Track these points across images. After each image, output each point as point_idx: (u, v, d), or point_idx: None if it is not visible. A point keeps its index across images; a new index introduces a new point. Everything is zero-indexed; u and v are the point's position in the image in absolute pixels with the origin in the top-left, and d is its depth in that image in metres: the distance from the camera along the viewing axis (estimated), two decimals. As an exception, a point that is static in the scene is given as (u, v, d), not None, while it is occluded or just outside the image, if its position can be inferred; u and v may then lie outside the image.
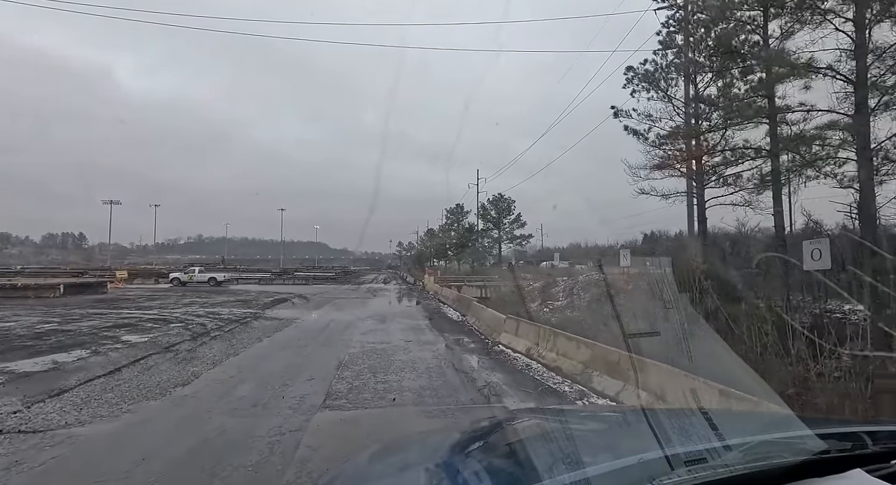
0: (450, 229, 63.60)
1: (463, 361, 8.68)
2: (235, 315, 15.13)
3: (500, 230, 56.11)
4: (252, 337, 11.00)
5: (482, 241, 56.12)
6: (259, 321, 13.98)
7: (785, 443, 1.17)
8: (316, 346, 10.01)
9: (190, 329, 11.72)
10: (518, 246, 56.90)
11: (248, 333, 11.39)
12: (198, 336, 10.70)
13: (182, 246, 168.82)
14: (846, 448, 1.10)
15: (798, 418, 1.39)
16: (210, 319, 13.80)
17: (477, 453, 1.41)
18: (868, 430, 1.23)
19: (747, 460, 1.01)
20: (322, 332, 11.95)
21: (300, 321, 14.19)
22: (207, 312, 16.11)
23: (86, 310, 16.02)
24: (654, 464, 0.98)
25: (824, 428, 1.24)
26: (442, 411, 5.61)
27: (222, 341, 10.29)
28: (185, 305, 18.71)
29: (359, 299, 23.98)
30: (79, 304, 18.56)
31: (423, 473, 1.31)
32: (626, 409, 3.82)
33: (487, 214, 55.53)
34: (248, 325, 13.05)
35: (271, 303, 20.06)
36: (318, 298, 23.46)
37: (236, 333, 11.36)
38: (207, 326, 12.32)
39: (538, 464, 1.04)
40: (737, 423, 1.71)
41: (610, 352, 6.26)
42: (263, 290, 29.79)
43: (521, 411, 3.43)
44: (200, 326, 12.27)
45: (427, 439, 2.01)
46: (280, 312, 16.85)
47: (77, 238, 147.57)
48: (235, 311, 16.65)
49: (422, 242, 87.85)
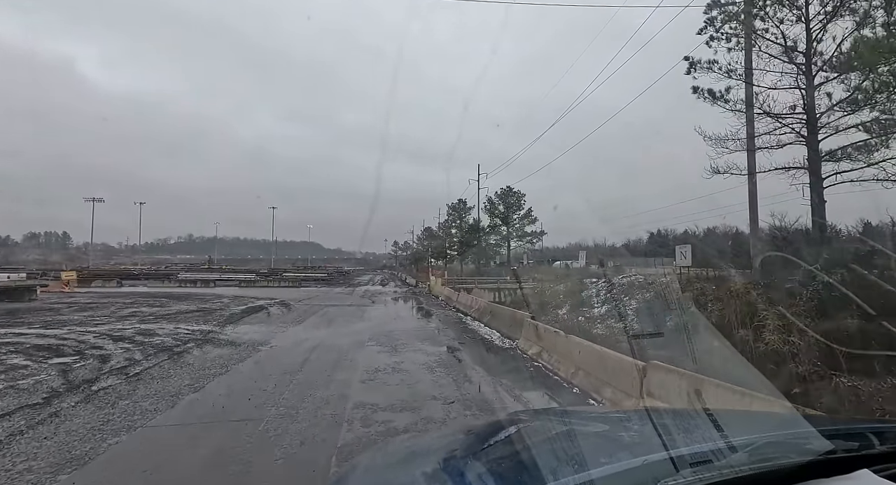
0: (451, 226, 58.51)
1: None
2: (176, 338, 10.27)
3: (509, 227, 50.37)
4: (163, 393, 6.16)
5: (488, 238, 50.89)
6: (203, 350, 9.14)
7: (791, 443, 1.14)
8: (271, 424, 5.20)
9: (69, 374, 6.90)
10: (528, 244, 51.63)
11: (162, 386, 6.54)
12: (56, 397, 5.84)
13: (172, 246, 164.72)
14: (853, 448, 1.07)
15: (804, 418, 1.37)
16: (128, 348, 8.98)
17: (481, 456, 1.34)
18: (875, 429, 1.20)
19: (753, 460, 0.97)
20: (294, 376, 7.13)
21: (266, 350, 9.35)
22: (141, 330, 11.26)
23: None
24: (658, 465, 0.95)
25: (830, 428, 1.22)
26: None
27: (86, 413, 5.44)
28: (119, 318, 13.80)
29: (354, 308, 19.10)
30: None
31: (428, 474, 1.27)
32: (629, 410, 3.44)
33: (495, 209, 50.17)
34: (180, 359, 8.21)
35: (240, 314, 15.20)
36: (302, 307, 18.57)
37: (141, 385, 6.50)
38: (107, 366, 7.50)
39: (542, 466, 1.03)
40: (742, 423, 1.65)
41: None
42: (241, 294, 24.85)
43: (525, 413, 3.23)
44: (92, 366, 7.44)
45: (431, 440, 1.93)
46: (245, 329, 11.99)
47: (61, 237, 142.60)
48: (184, 328, 11.80)
49: (419, 242, 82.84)
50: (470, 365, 8.02)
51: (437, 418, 5.18)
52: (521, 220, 50.25)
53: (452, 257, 53.32)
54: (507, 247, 51.64)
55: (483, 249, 50.99)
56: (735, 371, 4.15)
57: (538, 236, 51.47)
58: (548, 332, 8.27)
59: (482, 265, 48.12)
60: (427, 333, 12.04)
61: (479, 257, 50.59)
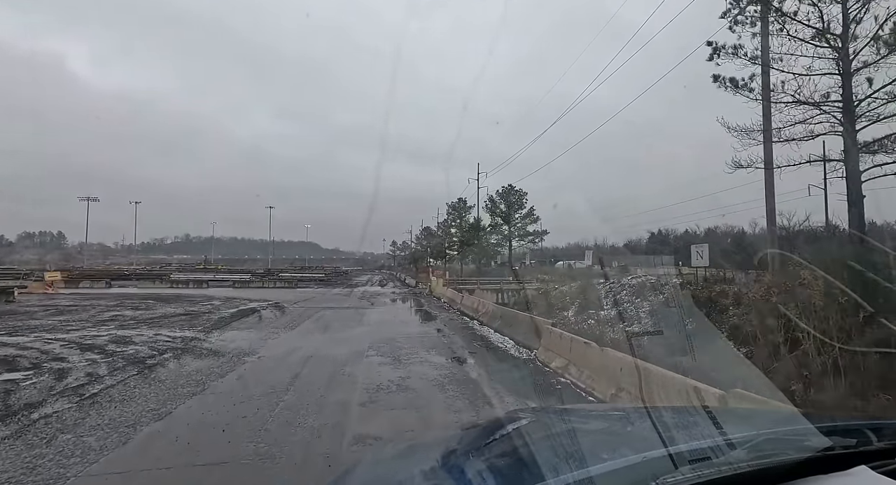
0: (451, 226, 57.15)
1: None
2: (153, 346, 9.16)
3: (511, 226, 49.01)
4: (118, 423, 5.04)
5: (489, 238, 49.58)
6: (180, 362, 8.02)
7: (789, 440, 1.15)
8: (246, 469, 4.08)
9: (10, 397, 5.79)
10: (531, 244, 50.28)
11: (119, 411, 5.41)
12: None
13: (169, 246, 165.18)
14: (851, 445, 1.06)
15: (802, 415, 1.40)
16: (93, 360, 7.89)
17: (480, 453, 1.33)
18: (873, 426, 1.19)
19: (751, 457, 0.97)
20: (282, 396, 6.01)
21: (253, 361, 8.23)
22: (116, 337, 10.16)
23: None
24: (657, 462, 0.95)
25: (828, 425, 1.21)
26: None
27: (8, 456, 4.33)
28: (97, 323, 12.66)
29: (352, 311, 17.98)
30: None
31: (428, 472, 1.25)
32: (629, 407, 3.40)
33: (496, 207, 48.80)
34: (151, 374, 7.09)
35: (229, 318, 14.09)
36: (297, 310, 17.44)
37: (94, 410, 5.37)
38: (62, 383, 6.39)
39: (541, 463, 1.02)
40: (740, 420, 1.66)
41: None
42: (234, 296, 23.69)
43: (524, 410, 3.13)
44: (44, 385, 6.32)
45: (431, 438, 1.94)
46: (232, 336, 10.87)
47: (56, 237, 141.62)
48: (165, 334, 10.70)
49: (418, 241, 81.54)
50: (487, 382, 6.91)
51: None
52: (522, 219, 48.91)
53: (452, 257, 52.08)
54: (508, 246, 50.06)
55: (484, 249, 49.52)
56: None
57: (540, 236, 49.82)
58: (576, 342, 7.15)
59: (482, 265, 46.86)
60: (432, 340, 10.93)
61: (480, 257, 49.23)
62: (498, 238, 49.87)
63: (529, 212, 48.53)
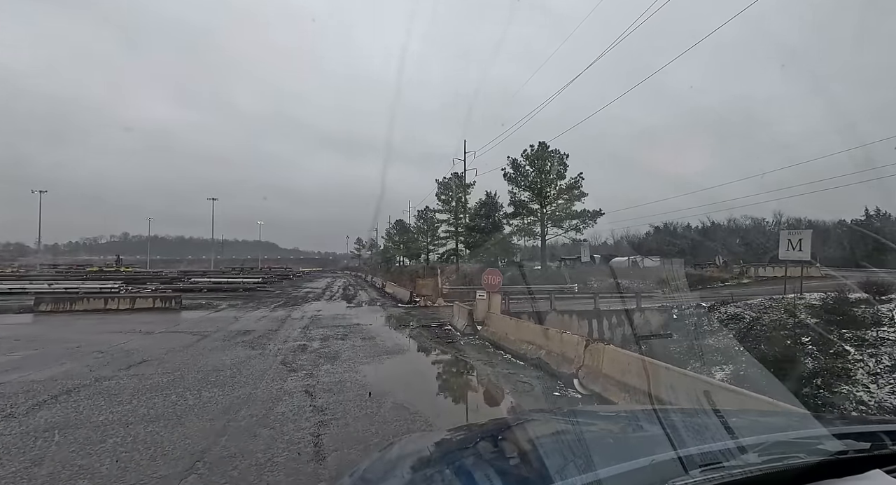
0: (444, 211, 42.51)
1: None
2: None
3: (545, 204, 32.37)
4: None
5: (509, 224, 33.92)
6: None
7: (802, 443, 1.09)
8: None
9: None
10: (574, 231, 33.56)
11: None
12: None
13: (103, 246, 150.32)
14: (864, 448, 1.03)
15: (814, 418, 1.35)
16: None
17: (488, 454, 1.31)
18: (887, 430, 1.15)
19: (763, 461, 0.94)
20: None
21: None
22: None
23: None
24: (667, 465, 0.92)
25: (841, 428, 1.19)
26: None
27: None
28: None
29: None
30: None
31: (435, 473, 1.23)
32: (638, 410, 3.23)
33: (518, 175, 32.53)
34: None
35: None
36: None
37: None
38: None
39: (550, 465, 1.00)
40: (751, 423, 1.59)
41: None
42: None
43: (533, 412, 3.13)
44: None
45: (439, 439, 1.76)
46: None
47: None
48: None
49: (389, 237, 66.39)
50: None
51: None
52: (563, 193, 31.86)
53: (446, 254, 37.35)
54: (541, 236, 33.41)
55: (503, 242, 34.10)
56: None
57: (591, 218, 32.34)
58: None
59: (494, 263, 31.63)
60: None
61: (500, 253, 34.15)
62: (520, 223, 34.00)
63: (575, 182, 31.79)
